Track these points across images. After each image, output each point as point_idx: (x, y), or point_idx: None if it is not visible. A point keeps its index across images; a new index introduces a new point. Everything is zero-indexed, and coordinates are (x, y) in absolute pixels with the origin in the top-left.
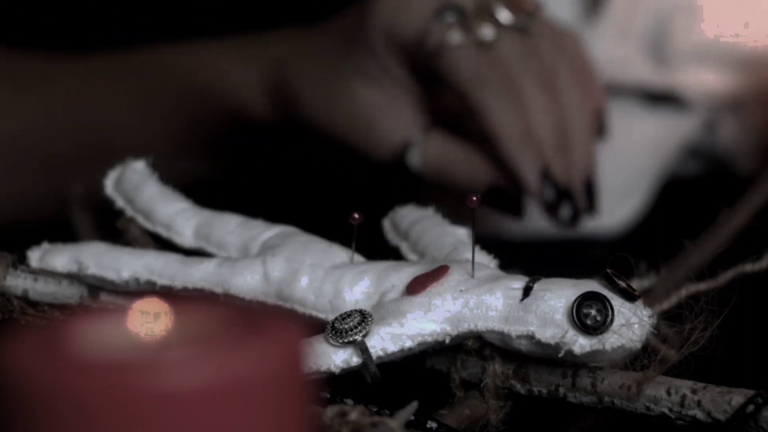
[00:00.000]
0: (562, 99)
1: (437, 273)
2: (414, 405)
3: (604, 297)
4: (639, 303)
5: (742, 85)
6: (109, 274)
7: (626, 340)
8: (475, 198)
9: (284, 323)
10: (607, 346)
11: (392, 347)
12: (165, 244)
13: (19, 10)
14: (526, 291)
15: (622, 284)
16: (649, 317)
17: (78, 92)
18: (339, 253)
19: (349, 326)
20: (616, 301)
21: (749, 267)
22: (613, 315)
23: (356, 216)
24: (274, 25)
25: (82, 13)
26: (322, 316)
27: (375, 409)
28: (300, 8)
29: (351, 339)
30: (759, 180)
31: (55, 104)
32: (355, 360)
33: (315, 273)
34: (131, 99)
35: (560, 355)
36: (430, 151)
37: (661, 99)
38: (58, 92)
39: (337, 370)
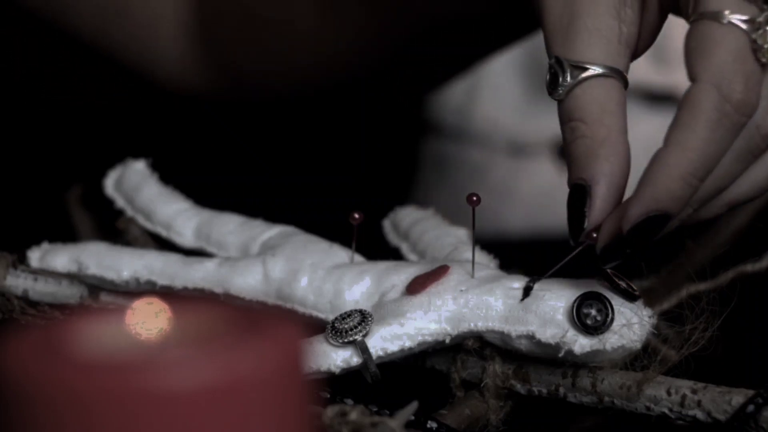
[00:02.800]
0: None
1: (437, 273)
2: (414, 405)
3: (605, 297)
4: (639, 303)
5: None
6: (109, 274)
7: (626, 340)
8: (475, 198)
9: (284, 323)
10: (608, 346)
11: (392, 347)
12: (165, 244)
13: None
14: (526, 291)
15: (623, 284)
16: (650, 317)
17: None
18: (339, 253)
19: (349, 326)
20: (617, 301)
21: (749, 267)
22: (613, 315)
23: (356, 216)
24: None
25: None
26: (322, 316)
27: (375, 409)
28: None
29: (351, 339)
30: None
31: None
32: (355, 360)
33: (315, 273)
34: None
35: (560, 355)
36: (585, 93)
37: (661, 99)
38: None
39: (337, 370)
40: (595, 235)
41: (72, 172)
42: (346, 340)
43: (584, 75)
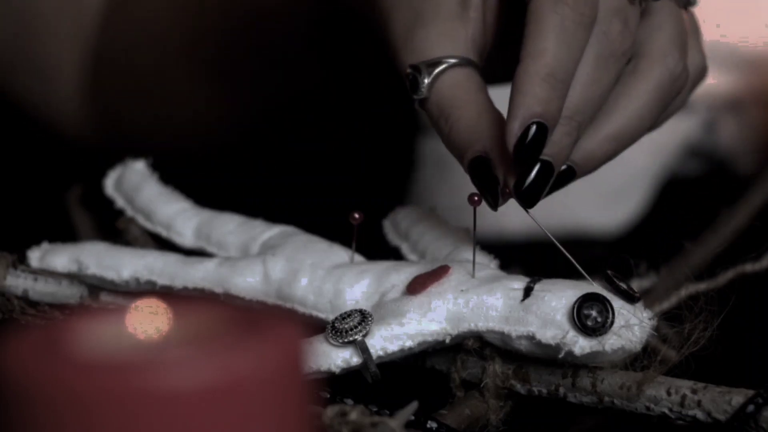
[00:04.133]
0: (621, 87)
1: (438, 273)
2: (414, 405)
3: (605, 298)
4: (639, 305)
5: (742, 85)
6: (110, 274)
7: (626, 342)
8: (477, 198)
9: (284, 323)
10: (607, 348)
11: (392, 347)
12: (165, 244)
13: None
14: (527, 291)
15: (623, 285)
16: (650, 319)
17: None
18: (339, 253)
19: (349, 326)
20: (617, 303)
21: (749, 267)
22: (613, 316)
23: (356, 216)
24: None
25: None
26: (322, 315)
27: (375, 409)
28: None
29: (351, 339)
30: (759, 180)
31: None
32: (355, 360)
33: (315, 273)
34: None
35: (560, 356)
36: (446, 83)
37: None
38: None
39: (337, 370)
40: (508, 190)
41: (72, 172)
42: (346, 340)
43: (441, 68)
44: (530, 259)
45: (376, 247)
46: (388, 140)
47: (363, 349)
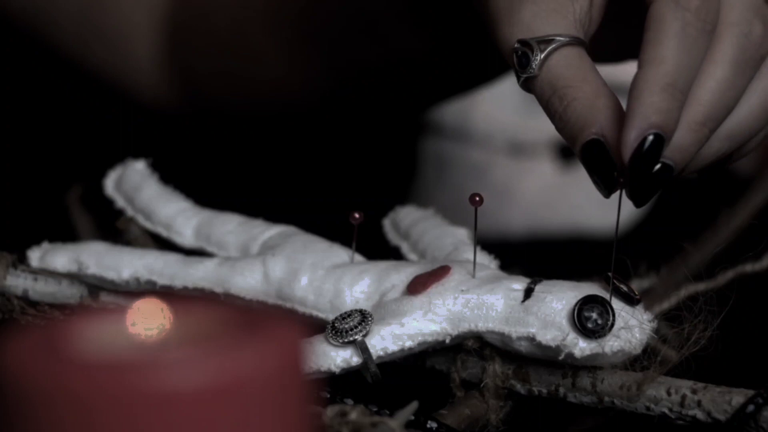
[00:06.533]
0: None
1: (438, 273)
2: (414, 405)
3: (606, 300)
4: (640, 307)
5: None
6: (110, 274)
7: (626, 344)
8: (478, 198)
9: (284, 323)
10: (607, 350)
11: (392, 347)
12: (165, 244)
13: None
14: (528, 292)
15: (624, 288)
16: (650, 321)
17: None
18: (339, 253)
19: (350, 326)
20: (617, 305)
21: (749, 267)
22: (613, 319)
23: (356, 216)
24: None
25: None
26: (322, 315)
27: (375, 409)
28: None
29: (351, 339)
30: (759, 180)
31: None
32: (355, 360)
33: (315, 273)
34: None
35: (560, 358)
36: (560, 62)
37: None
38: None
39: (337, 370)
40: (621, 180)
41: (72, 172)
42: (346, 340)
43: (554, 45)
44: (530, 260)
45: (376, 247)
46: (388, 140)
47: (363, 349)
